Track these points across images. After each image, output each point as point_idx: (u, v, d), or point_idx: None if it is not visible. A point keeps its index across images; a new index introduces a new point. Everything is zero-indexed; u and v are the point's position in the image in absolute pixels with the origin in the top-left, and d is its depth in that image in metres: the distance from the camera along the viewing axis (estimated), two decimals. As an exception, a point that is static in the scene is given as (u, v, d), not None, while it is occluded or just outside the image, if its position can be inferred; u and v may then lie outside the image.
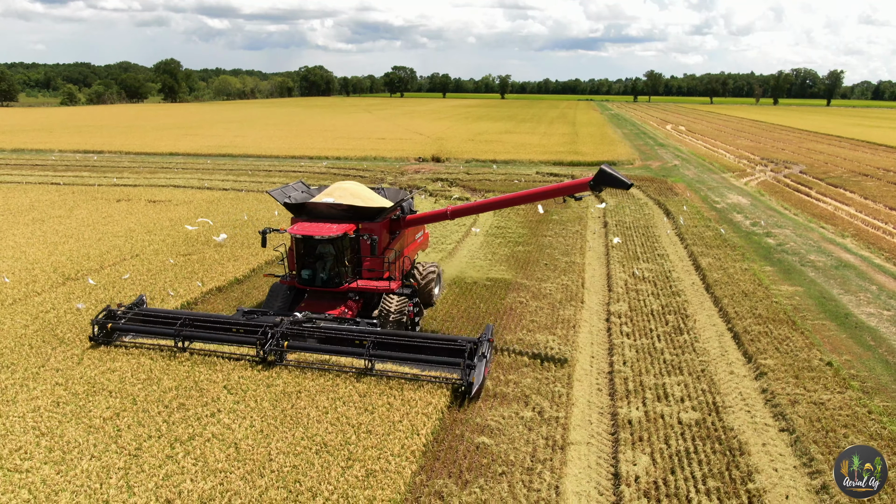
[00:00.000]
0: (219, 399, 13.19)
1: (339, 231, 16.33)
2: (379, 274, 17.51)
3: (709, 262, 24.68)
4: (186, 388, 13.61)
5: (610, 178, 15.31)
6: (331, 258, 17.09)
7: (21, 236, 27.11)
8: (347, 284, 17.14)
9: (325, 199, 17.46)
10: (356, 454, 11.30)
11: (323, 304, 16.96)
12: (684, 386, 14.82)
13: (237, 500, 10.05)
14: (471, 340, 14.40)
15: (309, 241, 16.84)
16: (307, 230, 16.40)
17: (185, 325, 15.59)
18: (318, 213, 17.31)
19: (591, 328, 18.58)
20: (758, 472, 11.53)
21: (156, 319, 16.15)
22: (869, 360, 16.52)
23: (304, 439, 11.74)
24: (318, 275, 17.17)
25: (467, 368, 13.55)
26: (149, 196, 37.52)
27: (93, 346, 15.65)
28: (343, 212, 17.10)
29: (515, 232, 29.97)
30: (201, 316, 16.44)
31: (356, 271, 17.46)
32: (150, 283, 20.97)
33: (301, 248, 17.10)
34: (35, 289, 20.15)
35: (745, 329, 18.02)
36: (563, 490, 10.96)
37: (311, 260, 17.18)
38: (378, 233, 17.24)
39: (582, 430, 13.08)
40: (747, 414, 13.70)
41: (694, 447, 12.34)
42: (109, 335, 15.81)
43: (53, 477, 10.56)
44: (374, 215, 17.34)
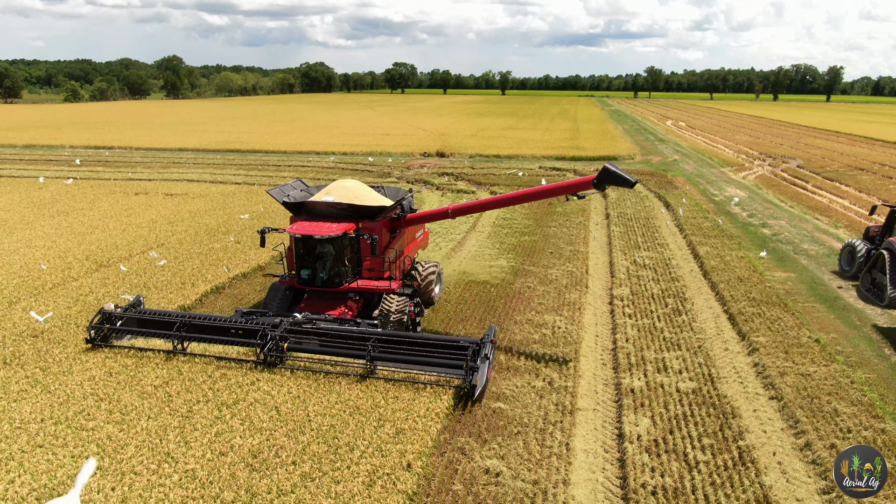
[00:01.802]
0: (255, 368, 14.46)
1: (339, 230, 16.14)
2: (379, 273, 17.34)
3: (706, 251, 25.90)
4: (227, 362, 14.86)
5: (614, 176, 15.20)
6: (330, 258, 16.87)
7: (49, 227, 28.34)
8: (347, 284, 16.91)
9: (325, 198, 17.25)
10: (386, 415, 12.54)
11: (323, 305, 16.76)
12: (682, 360, 16.06)
13: (283, 452, 11.30)
14: (473, 342, 14.27)
15: (308, 240, 16.57)
16: (306, 230, 16.18)
17: (183, 326, 15.27)
18: (318, 212, 17.10)
19: (596, 310, 19.80)
20: (748, 433, 12.77)
21: (153, 321, 15.80)
22: (854, 337, 17.76)
23: (338, 403, 12.99)
24: (317, 275, 16.93)
25: (470, 370, 13.43)
26: (165, 190, 38.75)
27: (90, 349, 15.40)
28: (343, 211, 16.91)
29: (521, 223, 31.19)
30: (199, 317, 15.98)
31: (356, 271, 17.26)
32: (179, 269, 22.21)
33: (300, 248, 16.85)
34: (71, 275, 21.39)
35: (740, 311, 19.24)
36: (573, 447, 12.21)
37: (311, 260, 16.93)
38: (378, 232, 17.05)
39: (588, 398, 14.31)
40: (740, 384, 14.94)
41: (690, 412, 13.58)
42: (106, 337, 15.61)
43: (117, 434, 11.82)
44: (374, 214, 17.11)
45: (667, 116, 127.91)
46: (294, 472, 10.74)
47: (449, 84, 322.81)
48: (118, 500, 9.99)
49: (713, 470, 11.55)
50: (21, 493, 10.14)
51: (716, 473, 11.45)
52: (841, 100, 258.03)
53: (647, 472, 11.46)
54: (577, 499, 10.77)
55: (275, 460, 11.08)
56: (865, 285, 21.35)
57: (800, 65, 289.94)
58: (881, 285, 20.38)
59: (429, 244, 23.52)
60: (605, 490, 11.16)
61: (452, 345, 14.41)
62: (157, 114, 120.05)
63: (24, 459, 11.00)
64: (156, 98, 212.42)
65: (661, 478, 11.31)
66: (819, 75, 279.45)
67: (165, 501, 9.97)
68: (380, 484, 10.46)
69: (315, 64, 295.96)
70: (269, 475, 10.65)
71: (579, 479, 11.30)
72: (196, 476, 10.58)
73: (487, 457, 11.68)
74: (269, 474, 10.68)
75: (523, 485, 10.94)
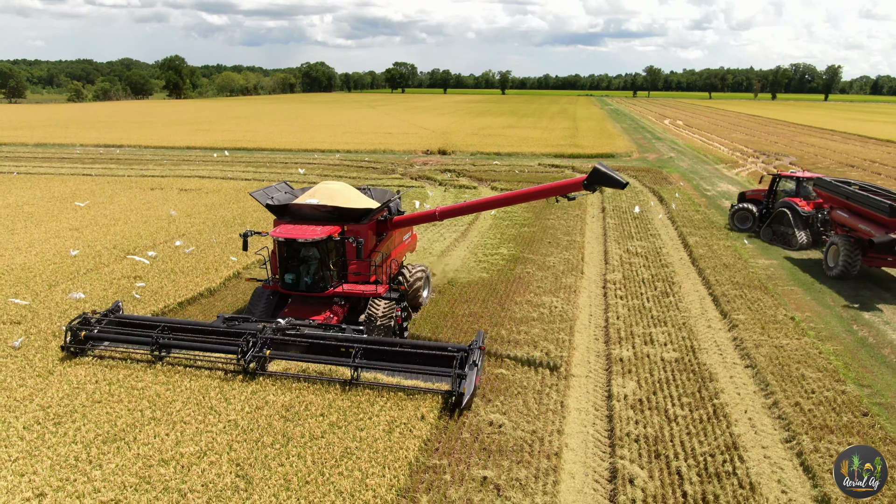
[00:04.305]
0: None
1: (324, 234, 15.77)
2: (365, 277, 16.99)
3: (696, 241, 27.48)
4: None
5: (604, 177, 14.96)
6: (315, 262, 16.43)
7: (73, 219, 29.93)
8: (332, 289, 16.52)
9: (309, 201, 16.86)
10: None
11: (307, 310, 16.38)
12: (668, 334, 17.64)
13: (312, 406, 12.86)
14: (461, 348, 13.98)
15: (292, 244, 16.07)
16: (290, 233, 15.79)
17: (163, 332, 14.97)
18: (302, 214, 16.78)
19: (590, 293, 21.37)
20: (723, 393, 14.34)
21: (132, 326, 15.56)
22: (826, 316, 19.34)
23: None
24: (301, 279, 16.52)
25: (458, 378, 13.19)
26: (179, 185, 40.35)
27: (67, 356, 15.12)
28: (328, 213, 16.59)
29: (521, 216, 32.76)
30: (180, 322, 15.72)
31: (342, 275, 16.85)
32: (201, 256, 23.81)
33: (284, 252, 16.40)
34: (102, 261, 22.99)
35: (724, 293, 20.81)
36: (567, 405, 13.79)
37: (295, 263, 16.45)
38: (364, 235, 16.75)
39: (581, 367, 15.88)
40: (719, 355, 16.52)
41: (673, 377, 15.16)
42: (83, 343, 15.12)
43: (164, 392, 13.39)
44: (360, 217, 16.85)
45: (665, 115, 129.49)
46: (323, 421, 12.33)
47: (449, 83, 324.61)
48: (172, 443, 11.56)
49: (690, 422, 13.13)
50: (87, 437, 11.70)
51: (692, 425, 13.03)
52: (839, 99, 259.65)
53: (631, 424, 13.04)
54: (569, 445, 12.35)
55: (305, 413, 12.65)
56: (768, 236, 28.32)
57: (798, 64, 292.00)
58: (785, 234, 27.43)
59: (417, 247, 23.22)
60: (595, 439, 12.74)
61: (440, 352, 14.14)
62: (161, 113, 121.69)
63: (86, 412, 12.57)
64: (158, 98, 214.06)
65: (644, 428, 12.88)
66: (818, 74, 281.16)
67: (213, 444, 11.54)
68: (398, 431, 12.03)
69: (316, 64, 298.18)
70: (301, 424, 12.24)
71: (572, 431, 12.88)
72: (238, 425, 12.16)
73: (491, 412, 13.25)
74: (301, 423, 12.26)
75: (523, 433, 12.52)
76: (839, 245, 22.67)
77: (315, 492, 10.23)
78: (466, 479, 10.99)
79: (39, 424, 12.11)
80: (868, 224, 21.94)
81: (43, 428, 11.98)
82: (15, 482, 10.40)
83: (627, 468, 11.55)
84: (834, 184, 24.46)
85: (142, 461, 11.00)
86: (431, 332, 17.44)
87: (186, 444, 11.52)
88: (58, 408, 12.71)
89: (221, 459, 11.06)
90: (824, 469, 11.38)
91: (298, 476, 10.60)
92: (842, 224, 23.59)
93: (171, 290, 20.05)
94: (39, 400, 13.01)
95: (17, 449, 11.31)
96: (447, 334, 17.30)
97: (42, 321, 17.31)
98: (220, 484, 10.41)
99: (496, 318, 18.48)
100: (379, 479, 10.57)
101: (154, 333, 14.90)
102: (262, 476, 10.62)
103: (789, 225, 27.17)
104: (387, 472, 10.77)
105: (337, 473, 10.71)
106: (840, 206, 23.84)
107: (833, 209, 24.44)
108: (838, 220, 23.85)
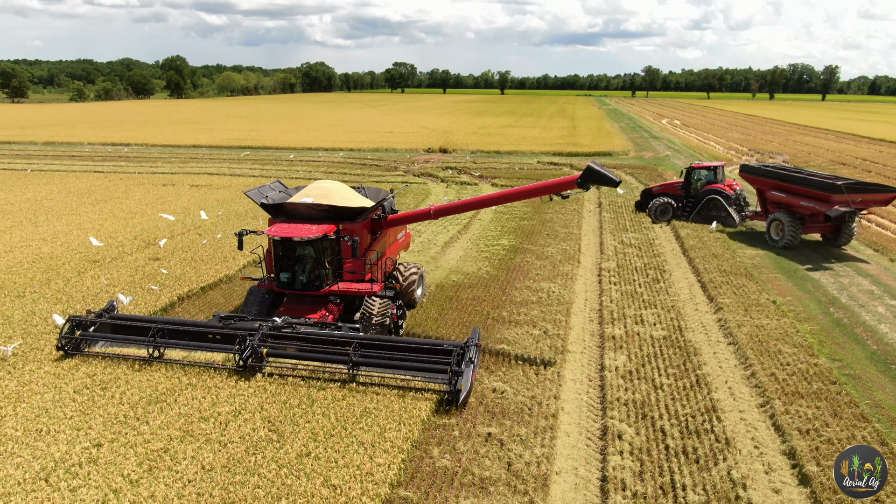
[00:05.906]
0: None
1: (319, 232, 15.85)
2: (360, 276, 17.12)
3: (687, 233, 28.84)
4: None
5: (598, 175, 15.25)
6: (310, 260, 16.60)
7: (92, 213, 31.27)
8: (328, 287, 16.63)
9: (304, 200, 16.91)
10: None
11: (303, 308, 16.47)
12: (657, 315, 19.01)
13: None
14: (457, 345, 14.07)
15: (287, 242, 16.24)
16: (285, 232, 15.88)
17: (158, 332, 14.98)
18: (297, 213, 16.82)
19: (586, 280, 22.72)
20: (706, 365, 15.71)
21: (127, 326, 15.59)
22: (806, 300, 20.72)
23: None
24: (297, 278, 16.64)
25: (454, 375, 13.37)
26: (190, 182, 41.70)
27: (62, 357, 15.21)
28: (323, 212, 16.66)
29: (521, 210, 34.11)
30: (175, 322, 15.81)
31: (337, 273, 16.96)
32: (219, 246, 25.16)
33: (279, 251, 16.52)
34: (125, 251, 24.33)
35: (711, 280, 22.18)
36: (563, 376, 15.15)
37: (290, 262, 16.60)
38: (359, 233, 16.91)
39: (577, 344, 17.23)
40: (704, 334, 17.88)
41: (660, 351, 16.52)
42: (77, 344, 15.27)
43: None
44: (354, 215, 16.97)
45: (662, 115, 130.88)
46: (339, 391, 13.68)
47: (448, 83, 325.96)
48: (210, 404, 12.89)
49: (674, 389, 14.50)
50: (132, 399, 13.04)
51: (676, 392, 14.40)
52: (837, 99, 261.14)
53: (621, 391, 14.41)
54: (565, 409, 13.71)
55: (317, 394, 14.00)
56: (698, 222, 30.88)
57: (796, 64, 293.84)
58: (718, 217, 30.41)
59: (411, 245, 23.36)
60: (588, 403, 14.10)
61: (436, 349, 14.25)
62: (164, 113, 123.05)
63: (128, 379, 13.91)
64: (159, 98, 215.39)
65: (633, 394, 14.25)
66: (815, 74, 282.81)
67: (246, 404, 12.87)
68: (410, 395, 13.38)
69: (316, 64, 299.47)
70: (323, 389, 13.58)
71: (568, 397, 14.25)
72: (266, 390, 13.51)
73: (494, 381, 14.61)
74: (323, 388, 13.61)
75: (523, 399, 13.87)
76: (782, 220, 26.39)
77: (340, 443, 11.59)
78: (473, 435, 12.36)
79: (88, 389, 13.47)
80: (809, 200, 25.83)
81: (91, 392, 13.33)
82: (73, 435, 11.75)
83: (617, 426, 12.91)
84: (765, 169, 29.23)
85: (184, 419, 12.35)
86: (437, 313, 18.79)
87: (222, 404, 12.88)
88: (102, 375, 14.08)
89: (255, 417, 12.43)
90: (793, 427, 12.76)
91: (324, 430, 11.97)
92: (777, 203, 27.40)
93: (193, 275, 21.39)
94: (85, 369, 14.36)
95: (71, 409, 12.66)
96: (452, 316, 18.65)
97: (76, 303, 18.65)
98: (255, 437, 11.78)
99: (498, 302, 19.83)
100: (395, 433, 11.93)
101: (147, 339, 14.87)
102: (291, 430, 11.99)
103: (722, 208, 30.44)
104: (402, 427, 12.13)
105: (358, 428, 12.07)
106: (773, 187, 27.71)
107: (768, 190, 27.98)
108: (774, 199, 27.57)
